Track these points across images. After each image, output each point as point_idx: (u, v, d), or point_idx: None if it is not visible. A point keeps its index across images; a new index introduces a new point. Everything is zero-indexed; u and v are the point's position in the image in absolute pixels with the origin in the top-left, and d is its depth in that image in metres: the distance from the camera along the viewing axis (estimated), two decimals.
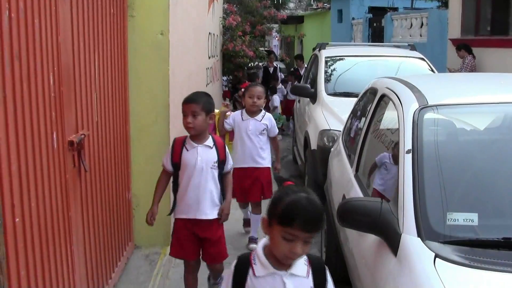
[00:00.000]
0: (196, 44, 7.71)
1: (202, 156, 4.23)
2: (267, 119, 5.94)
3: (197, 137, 4.24)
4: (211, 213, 4.30)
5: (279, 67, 15.78)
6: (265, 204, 5.51)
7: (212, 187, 4.28)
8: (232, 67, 13.72)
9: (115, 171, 4.51)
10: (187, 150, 4.25)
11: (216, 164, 4.28)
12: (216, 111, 5.12)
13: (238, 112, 6.05)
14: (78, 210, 3.53)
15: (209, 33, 9.77)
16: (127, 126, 4.96)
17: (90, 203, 3.79)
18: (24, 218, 2.57)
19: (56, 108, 3.05)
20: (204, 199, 4.26)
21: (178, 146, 4.29)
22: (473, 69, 12.19)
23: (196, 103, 4.16)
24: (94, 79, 3.88)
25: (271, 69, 15.18)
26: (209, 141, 4.29)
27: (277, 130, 6.04)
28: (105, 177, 4.18)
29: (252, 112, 5.90)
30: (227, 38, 13.17)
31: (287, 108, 13.33)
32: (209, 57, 9.85)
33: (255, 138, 5.87)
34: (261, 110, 5.96)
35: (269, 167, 6.03)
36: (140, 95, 5.08)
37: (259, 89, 5.90)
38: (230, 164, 4.44)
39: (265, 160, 5.96)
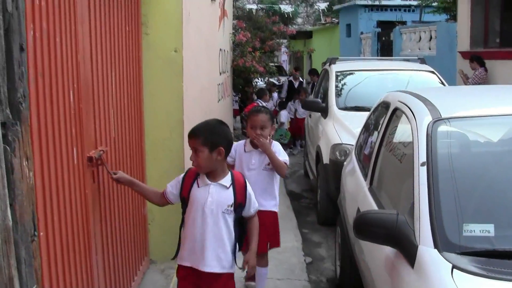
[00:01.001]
0: (208, 60, 7.78)
1: (214, 197, 3.56)
2: (273, 149, 4.76)
3: (211, 173, 3.61)
4: (219, 265, 3.59)
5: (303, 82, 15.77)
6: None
7: (223, 235, 3.58)
8: (242, 83, 13.80)
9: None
10: (198, 186, 3.60)
11: (231, 208, 3.59)
12: None
13: (241, 142, 4.98)
14: (97, 225, 3.58)
15: (220, 49, 9.85)
16: (142, 141, 5.01)
17: (108, 218, 3.84)
18: (47, 232, 2.63)
19: (76, 124, 3.12)
20: (211, 248, 3.56)
21: (189, 179, 3.66)
22: (482, 81, 12.19)
23: (194, 137, 3.55)
24: (111, 96, 3.95)
25: (296, 83, 15.19)
26: (226, 179, 3.62)
27: (285, 157, 4.80)
28: (122, 193, 4.23)
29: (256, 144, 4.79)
30: (237, 54, 13.25)
31: (296, 126, 13.31)
32: (220, 73, 9.92)
33: (258, 174, 4.77)
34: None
35: (275, 212, 4.90)
36: (155, 111, 5.14)
37: (263, 118, 4.73)
38: (253, 208, 3.73)
39: (270, 202, 4.82)
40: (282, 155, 4.75)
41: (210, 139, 3.50)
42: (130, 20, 4.56)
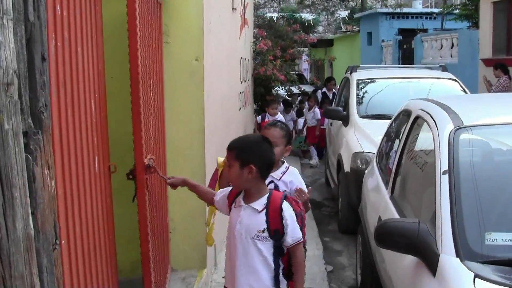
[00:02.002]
0: (229, 69, 7.80)
1: (244, 221, 3.26)
2: (288, 179, 3.92)
3: (247, 193, 3.32)
4: None
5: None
6: None
7: (255, 263, 3.23)
8: (263, 91, 13.81)
9: (157, 196, 4.57)
10: (235, 207, 3.38)
11: (264, 235, 3.20)
12: (221, 159, 4.00)
13: None
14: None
15: (241, 58, 9.87)
16: (165, 150, 5.03)
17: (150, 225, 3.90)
18: (69, 241, 2.64)
19: (97, 133, 3.14)
20: (242, 274, 3.27)
21: (232, 196, 3.44)
22: (506, 89, 12.11)
23: (229, 150, 3.33)
24: (151, 105, 4.05)
25: (330, 94, 15.03)
26: (259, 202, 3.25)
27: (301, 185, 3.91)
28: (151, 202, 4.25)
29: None
30: (258, 63, 13.26)
31: (311, 135, 13.26)
32: (241, 82, 9.94)
33: None
34: (283, 162, 4.00)
35: None
36: (176, 120, 5.15)
37: (275, 133, 3.94)
38: (291, 238, 3.21)
39: None
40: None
41: (242, 154, 3.24)
42: (155, 29, 4.60)
